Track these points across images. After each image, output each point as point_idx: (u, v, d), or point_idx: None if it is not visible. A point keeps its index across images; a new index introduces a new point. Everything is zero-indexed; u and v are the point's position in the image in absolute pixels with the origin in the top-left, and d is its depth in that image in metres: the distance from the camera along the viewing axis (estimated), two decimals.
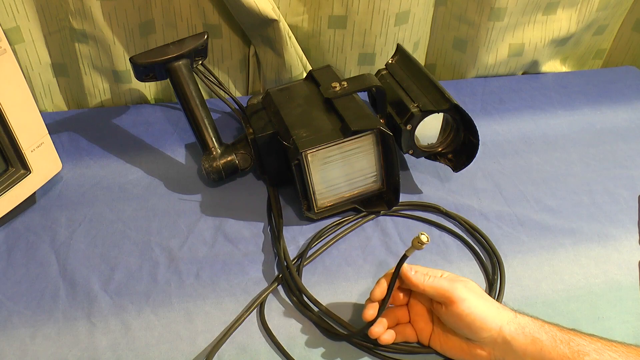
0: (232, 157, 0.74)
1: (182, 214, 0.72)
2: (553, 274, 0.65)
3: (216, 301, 0.62)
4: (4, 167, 0.67)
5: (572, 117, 0.93)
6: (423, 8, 0.94)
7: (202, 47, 0.76)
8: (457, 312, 0.51)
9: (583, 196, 0.77)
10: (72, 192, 0.75)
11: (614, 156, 0.84)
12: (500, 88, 1.00)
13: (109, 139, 0.85)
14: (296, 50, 0.92)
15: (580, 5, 0.98)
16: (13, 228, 0.69)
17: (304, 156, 0.65)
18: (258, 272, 0.65)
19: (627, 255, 0.68)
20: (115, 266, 0.65)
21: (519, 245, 0.69)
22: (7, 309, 0.60)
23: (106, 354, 0.56)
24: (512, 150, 0.85)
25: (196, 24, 0.88)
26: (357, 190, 0.72)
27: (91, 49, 0.86)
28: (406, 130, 0.72)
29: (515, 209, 0.74)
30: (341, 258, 0.67)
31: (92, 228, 0.70)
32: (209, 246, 0.68)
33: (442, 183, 0.78)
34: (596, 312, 0.61)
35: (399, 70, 0.81)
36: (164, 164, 0.81)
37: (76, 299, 0.61)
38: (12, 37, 0.81)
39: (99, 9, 0.81)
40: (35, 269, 0.64)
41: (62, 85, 0.92)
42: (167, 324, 0.59)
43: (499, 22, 0.95)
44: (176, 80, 0.74)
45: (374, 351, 0.57)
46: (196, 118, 0.74)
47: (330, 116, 0.69)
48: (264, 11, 0.82)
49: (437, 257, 0.67)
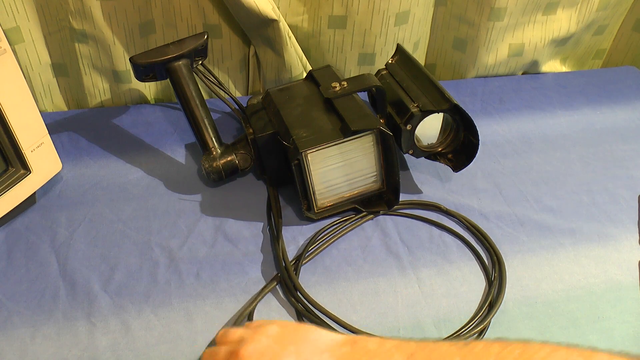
0: (232, 157, 0.74)
1: (182, 214, 0.72)
2: (553, 274, 0.65)
3: (216, 301, 0.62)
4: (4, 167, 0.67)
5: (572, 117, 0.93)
6: (423, 8, 0.94)
7: (202, 47, 0.76)
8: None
9: (583, 196, 0.77)
10: (72, 192, 0.75)
11: (614, 156, 0.84)
12: (500, 88, 1.00)
13: (109, 139, 0.85)
14: (296, 50, 0.92)
15: (580, 5, 0.98)
16: (13, 228, 0.69)
17: (304, 156, 0.65)
18: (258, 272, 0.65)
19: (627, 255, 0.68)
20: (115, 266, 0.65)
21: (519, 245, 0.69)
22: (7, 309, 0.60)
23: (106, 354, 0.56)
24: (512, 150, 0.85)
25: (196, 24, 0.88)
26: (357, 190, 0.72)
27: (91, 49, 0.86)
28: (406, 130, 0.72)
29: (515, 209, 0.74)
30: (341, 258, 0.67)
31: (92, 228, 0.70)
32: (209, 246, 0.68)
33: (442, 183, 0.78)
34: (596, 312, 0.61)
35: (399, 70, 0.81)
36: (164, 164, 0.81)
37: (76, 299, 0.61)
38: (12, 37, 0.82)
39: (99, 9, 0.81)
40: (35, 269, 0.64)
41: (62, 85, 0.92)
42: (167, 324, 0.59)
43: (499, 22, 0.95)
44: (176, 80, 0.74)
45: None
46: (196, 118, 0.75)
47: (330, 116, 0.69)
48: (264, 11, 0.82)
49: (437, 257, 0.67)
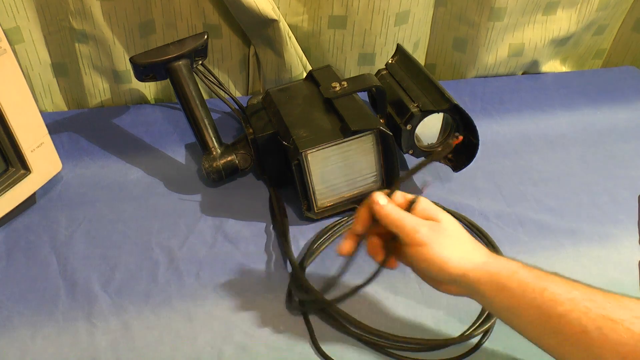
0: (232, 157, 0.74)
1: (182, 214, 0.72)
2: None
3: (216, 301, 0.62)
4: (4, 167, 0.67)
5: (572, 117, 0.93)
6: (423, 8, 0.94)
7: (202, 47, 0.76)
8: (415, 255, 0.49)
9: (583, 196, 0.77)
10: (72, 192, 0.75)
11: (614, 156, 0.84)
12: (500, 88, 1.00)
13: (109, 139, 0.85)
14: (296, 50, 0.92)
15: (580, 5, 0.98)
16: (13, 228, 0.69)
17: (304, 156, 0.65)
18: (258, 272, 0.65)
19: (627, 255, 0.68)
20: (115, 266, 0.65)
21: (519, 245, 0.69)
22: (7, 309, 0.60)
23: (106, 354, 0.56)
24: (512, 150, 0.85)
25: (196, 24, 0.88)
26: (357, 190, 0.72)
27: (91, 49, 0.86)
28: (406, 130, 0.72)
29: (515, 209, 0.74)
30: (341, 258, 0.67)
31: (92, 228, 0.70)
32: (209, 246, 0.68)
33: (442, 183, 0.78)
34: None
35: (399, 70, 0.81)
36: (164, 164, 0.81)
37: (76, 299, 0.61)
38: (12, 37, 0.81)
39: (99, 9, 0.81)
40: (35, 269, 0.64)
41: (62, 85, 0.92)
42: (167, 324, 0.59)
43: (499, 22, 0.95)
44: (176, 80, 0.74)
45: (387, 350, 0.57)
46: (196, 118, 0.74)
47: (330, 116, 0.69)
48: (264, 11, 0.82)
49: None
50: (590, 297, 0.43)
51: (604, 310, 0.42)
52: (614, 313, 0.41)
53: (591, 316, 0.42)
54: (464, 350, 0.57)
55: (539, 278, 0.46)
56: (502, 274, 0.46)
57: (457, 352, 0.57)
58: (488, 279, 0.47)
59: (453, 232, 0.50)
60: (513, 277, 0.46)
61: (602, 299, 0.43)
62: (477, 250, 0.50)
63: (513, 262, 0.48)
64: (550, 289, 0.44)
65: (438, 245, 0.48)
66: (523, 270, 0.46)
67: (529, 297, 0.45)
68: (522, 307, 0.45)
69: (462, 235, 0.51)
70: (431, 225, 0.50)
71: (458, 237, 0.50)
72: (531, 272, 0.46)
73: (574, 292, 0.44)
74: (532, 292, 0.44)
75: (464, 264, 0.48)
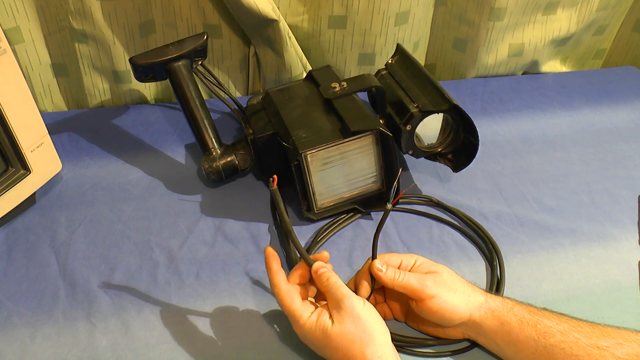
0: (231, 158, 0.74)
1: (182, 214, 0.72)
2: (553, 274, 0.65)
3: (216, 301, 0.62)
4: (4, 167, 0.67)
5: (572, 117, 0.93)
6: (423, 8, 0.94)
7: (201, 47, 0.76)
8: (426, 308, 0.52)
9: (583, 196, 0.77)
10: (72, 192, 0.75)
11: (614, 156, 0.84)
12: (500, 88, 1.00)
13: (109, 139, 0.85)
14: (296, 50, 0.92)
15: (580, 5, 0.98)
16: (13, 228, 0.70)
17: (304, 157, 0.65)
18: (258, 272, 0.65)
19: (627, 255, 0.68)
20: (115, 266, 0.65)
21: (519, 245, 0.69)
22: (7, 309, 0.60)
23: (106, 354, 0.56)
24: (512, 150, 0.85)
25: (196, 24, 0.88)
26: (357, 190, 0.72)
27: (91, 49, 0.86)
28: (406, 131, 0.72)
29: (515, 209, 0.74)
30: (341, 258, 0.67)
31: (92, 228, 0.70)
32: (209, 246, 0.68)
33: (442, 183, 0.78)
34: (596, 312, 0.61)
35: (398, 70, 0.81)
36: (164, 164, 0.81)
37: (76, 299, 0.61)
38: (12, 37, 0.82)
39: (99, 9, 0.81)
40: (35, 269, 0.65)
41: (62, 85, 0.92)
42: (167, 324, 0.59)
43: (499, 22, 0.95)
44: (176, 80, 0.74)
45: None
46: (196, 118, 0.74)
47: (329, 117, 0.69)
48: (264, 11, 0.82)
49: (437, 257, 0.67)
50: (578, 328, 0.50)
51: (591, 339, 0.49)
52: (600, 341, 0.48)
53: (581, 345, 0.48)
54: (463, 345, 0.57)
55: (531, 313, 0.52)
56: (501, 311, 0.52)
57: (456, 347, 0.57)
58: (490, 315, 0.52)
59: (453, 280, 0.54)
60: (511, 312, 0.52)
61: (588, 329, 0.49)
62: (476, 291, 0.54)
63: (507, 299, 0.54)
64: (542, 323, 0.51)
65: (445, 294, 0.52)
66: (517, 306, 0.53)
67: (526, 331, 0.50)
68: (521, 342, 0.50)
69: (459, 280, 0.55)
70: (434, 278, 0.53)
71: (458, 284, 0.54)
72: (524, 307, 0.52)
73: (563, 325, 0.50)
74: (527, 326, 0.51)
75: (470, 306, 0.53)
